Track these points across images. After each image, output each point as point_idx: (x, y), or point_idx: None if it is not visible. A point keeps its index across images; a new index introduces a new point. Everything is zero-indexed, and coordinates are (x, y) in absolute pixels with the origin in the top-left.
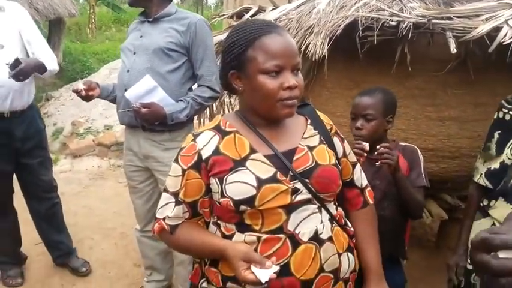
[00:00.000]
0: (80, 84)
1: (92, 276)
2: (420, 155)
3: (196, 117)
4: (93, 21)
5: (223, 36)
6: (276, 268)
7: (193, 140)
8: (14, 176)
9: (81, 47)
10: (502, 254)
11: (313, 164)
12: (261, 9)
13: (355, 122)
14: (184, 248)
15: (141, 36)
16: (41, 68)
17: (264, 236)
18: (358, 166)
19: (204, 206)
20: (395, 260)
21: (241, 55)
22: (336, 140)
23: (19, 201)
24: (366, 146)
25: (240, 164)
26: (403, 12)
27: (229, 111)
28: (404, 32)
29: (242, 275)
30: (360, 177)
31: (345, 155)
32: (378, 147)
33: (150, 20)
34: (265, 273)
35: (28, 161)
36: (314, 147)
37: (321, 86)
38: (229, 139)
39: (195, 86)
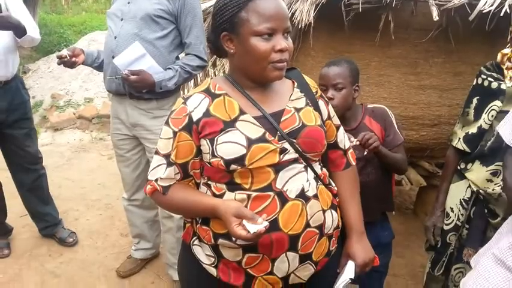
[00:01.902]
0: (64, 51)
1: (79, 246)
2: (390, 113)
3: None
4: None
5: (209, 4)
6: (266, 223)
7: (184, 102)
8: None
9: (57, 19)
10: None
11: (300, 124)
12: None
13: (326, 93)
14: (176, 208)
15: (128, 3)
16: (20, 28)
17: (254, 194)
18: (341, 129)
19: (195, 168)
20: (384, 217)
21: (234, 17)
22: (321, 103)
23: (2, 173)
24: (354, 141)
25: (230, 125)
26: None
27: None
28: (388, 1)
29: (234, 230)
30: (344, 139)
31: (329, 117)
32: (356, 140)
33: None
34: (255, 227)
35: (13, 132)
36: (301, 108)
37: (306, 55)
38: (219, 101)
39: (182, 55)
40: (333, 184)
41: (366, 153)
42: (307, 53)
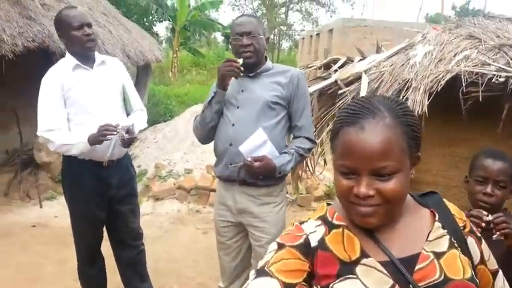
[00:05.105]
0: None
1: None
2: None
3: None
4: (175, 65)
5: (312, 89)
6: None
7: (299, 225)
8: None
9: (164, 90)
10: None
11: (442, 277)
12: (349, 60)
13: (485, 187)
14: None
15: (242, 91)
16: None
17: None
18: (500, 274)
19: None
20: None
21: (332, 140)
22: (470, 241)
23: (104, 245)
24: (485, 215)
25: (348, 269)
26: (510, 67)
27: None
28: None
29: None
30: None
31: (482, 261)
32: (491, 218)
33: (251, 75)
34: None
35: (120, 207)
36: (443, 253)
37: None
38: (337, 234)
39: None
40: None
41: (494, 236)
42: None
